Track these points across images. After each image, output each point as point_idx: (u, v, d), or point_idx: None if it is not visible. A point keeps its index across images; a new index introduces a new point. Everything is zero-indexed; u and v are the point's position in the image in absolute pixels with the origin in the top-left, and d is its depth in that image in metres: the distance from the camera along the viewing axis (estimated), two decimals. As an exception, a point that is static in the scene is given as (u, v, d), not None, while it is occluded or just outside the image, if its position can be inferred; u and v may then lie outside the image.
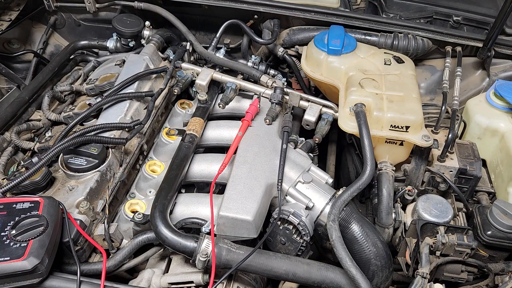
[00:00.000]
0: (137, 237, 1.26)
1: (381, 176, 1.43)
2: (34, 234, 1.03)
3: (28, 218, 1.07)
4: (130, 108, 1.51)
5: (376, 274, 1.25)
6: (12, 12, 1.94)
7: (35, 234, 1.03)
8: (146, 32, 1.87)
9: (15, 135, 1.47)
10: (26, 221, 1.06)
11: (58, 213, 1.12)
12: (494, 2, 2.04)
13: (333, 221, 1.19)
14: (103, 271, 1.13)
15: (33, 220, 1.06)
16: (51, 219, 1.07)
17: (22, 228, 1.04)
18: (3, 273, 0.98)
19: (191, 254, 1.15)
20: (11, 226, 1.05)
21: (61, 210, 1.14)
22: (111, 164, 1.33)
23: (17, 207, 1.10)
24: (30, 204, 1.11)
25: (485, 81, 1.90)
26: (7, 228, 1.04)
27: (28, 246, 1.01)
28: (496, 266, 1.31)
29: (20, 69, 2.00)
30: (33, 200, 1.12)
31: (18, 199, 1.13)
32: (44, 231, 1.04)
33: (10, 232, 1.03)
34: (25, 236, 1.03)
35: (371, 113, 1.40)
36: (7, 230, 1.04)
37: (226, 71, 1.80)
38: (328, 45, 1.63)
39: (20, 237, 1.03)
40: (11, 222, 1.06)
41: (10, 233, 1.03)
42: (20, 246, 1.01)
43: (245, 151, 1.40)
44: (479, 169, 1.49)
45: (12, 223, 1.06)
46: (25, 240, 1.02)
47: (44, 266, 1.02)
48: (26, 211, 1.09)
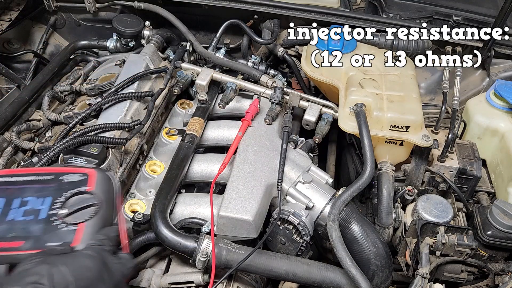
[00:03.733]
0: (137, 237, 1.26)
1: (381, 176, 1.43)
2: (85, 216, 0.90)
3: (78, 194, 0.93)
4: (130, 108, 1.51)
5: (376, 274, 1.25)
6: (12, 12, 1.94)
7: (87, 215, 0.90)
8: (146, 32, 1.87)
9: (15, 135, 1.47)
10: (76, 198, 0.92)
11: (111, 189, 0.98)
12: (494, 2, 2.04)
13: (333, 221, 1.19)
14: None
15: (84, 198, 0.92)
16: (104, 197, 0.94)
17: (72, 207, 0.91)
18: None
19: (191, 254, 1.15)
20: (61, 204, 0.91)
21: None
22: (111, 164, 1.33)
23: (66, 179, 0.95)
24: (81, 177, 0.96)
25: (485, 81, 1.90)
26: (56, 206, 0.91)
27: (79, 231, 0.88)
28: (496, 266, 1.31)
29: (20, 69, 2.00)
30: (84, 171, 0.98)
31: (67, 169, 0.99)
32: (96, 212, 0.91)
33: (60, 211, 0.90)
34: (75, 217, 0.89)
35: (371, 113, 1.40)
36: (56, 209, 0.90)
37: (226, 71, 1.80)
38: (328, 45, 1.63)
39: (71, 219, 0.89)
40: (60, 198, 0.92)
41: (59, 212, 0.90)
42: (70, 230, 0.88)
43: (245, 151, 1.40)
44: (479, 169, 1.49)
45: (61, 199, 0.92)
46: (75, 223, 0.89)
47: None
48: (76, 185, 0.94)
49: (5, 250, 0.85)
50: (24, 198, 0.92)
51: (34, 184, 0.95)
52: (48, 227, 0.88)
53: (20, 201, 0.92)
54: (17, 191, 0.93)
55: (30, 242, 0.86)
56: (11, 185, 0.95)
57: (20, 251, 0.85)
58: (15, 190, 0.94)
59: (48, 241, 0.86)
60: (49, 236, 0.87)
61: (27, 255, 0.82)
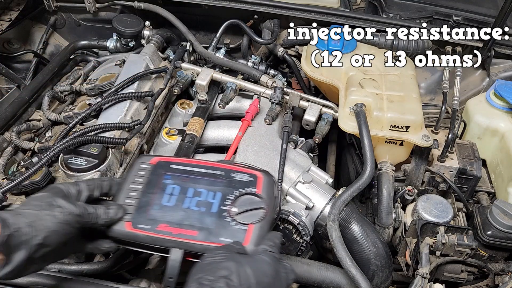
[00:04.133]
0: (137, 237, 1.26)
1: (381, 176, 1.43)
2: (254, 218, 0.92)
3: (247, 195, 0.95)
4: (130, 108, 1.51)
5: (376, 274, 1.25)
6: (12, 12, 1.94)
7: (256, 218, 0.92)
8: (146, 32, 1.87)
9: (15, 135, 1.47)
10: (245, 198, 0.95)
11: (274, 195, 1.01)
12: (494, 2, 2.04)
13: (333, 221, 1.19)
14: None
15: (253, 200, 0.94)
16: (270, 202, 0.96)
17: (242, 206, 0.93)
18: None
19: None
20: (232, 201, 0.94)
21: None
22: (111, 164, 1.33)
23: (236, 178, 0.99)
24: (249, 178, 0.99)
25: (485, 81, 1.90)
26: (228, 202, 0.94)
27: (248, 232, 0.90)
28: (496, 266, 1.31)
29: (20, 69, 2.00)
30: (252, 173, 1.00)
31: (237, 168, 1.01)
32: (264, 216, 0.92)
33: (231, 208, 0.93)
34: (245, 217, 0.92)
35: (371, 113, 1.40)
36: (228, 205, 0.94)
37: (226, 71, 1.80)
38: (328, 45, 1.63)
39: (241, 218, 0.92)
40: (231, 195, 0.95)
41: (231, 209, 0.93)
42: (240, 229, 0.90)
43: (245, 151, 1.40)
44: (479, 169, 1.49)
45: (232, 196, 0.95)
46: (246, 223, 0.91)
47: None
48: (245, 185, 0.97)
49: (183, 237, 0.90)
50: (197, 188, 0.97)
51: (206, 176, 0.99)
52: (220, 222, 0.91)
53: (194, 191, 0.96)
54: (190, 181, 0.98)
55: (204, 233, 0.90)
56: (184, 174, 1.00)
57: (195, 240, 0.89)
58: (189, 180, 0.99)
59: (221, 235, 0.89)
60: (222, 231, 0.90)
61: (202, 245, 0.88)
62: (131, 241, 0.93)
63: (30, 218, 0.79)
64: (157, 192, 0.97)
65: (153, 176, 1.00)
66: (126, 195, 0.97)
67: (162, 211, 0.94)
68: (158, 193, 0.97)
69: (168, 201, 0.95)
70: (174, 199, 0.96)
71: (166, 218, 0.93)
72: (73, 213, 0.85)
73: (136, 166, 1.02)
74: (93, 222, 0.89)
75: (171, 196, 0.96)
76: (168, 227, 0.91)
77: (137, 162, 1.03)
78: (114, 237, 0.94)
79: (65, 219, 0.83)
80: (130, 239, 0.92)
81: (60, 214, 0.83)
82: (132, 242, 0.93)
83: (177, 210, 0.94)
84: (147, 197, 0.96)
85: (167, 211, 0.94)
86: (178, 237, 0.90)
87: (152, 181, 0.99)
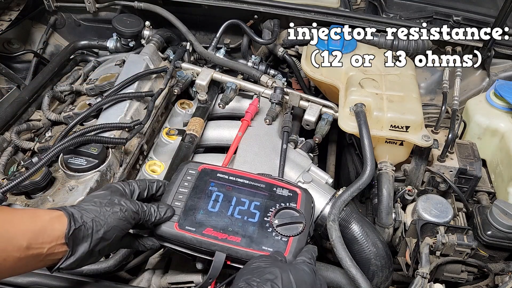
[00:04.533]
0: (137, 237, 1.26)
1: (381, 176, 1.43)
2: (294, 231, 0.98)
3: (287, 209, 1.02)
4: (130, 108, 1.51)
5: (376, 274, 1.25)
6: (12, 12, 1.94)
7: (295, 231, 0.98)
8: (146, 32, 1.87)
9: (15, 135, 1.47)
10: (286, 212, 1.02)
11: (311, 212, 1.06)
12: (494, 2, 2.04)
13: (333, 221, 1.19)
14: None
15: (293, 214, 1.01)
16: (307, 217, 1.02)
17: (283, 219, 1.00)
18: None
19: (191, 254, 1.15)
20: (273, 213, 1.01)
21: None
22: (111, 164, 1.33)
23: (277, 192, 1.06)
24: (289, 193, 1.06)
25: (485, 81, 1.90)
26: (270, 214, 1.01)
27: (289, 243, 0.96)
28: (496, 266, 1.31)
29: (20, 69, 2.00)
30: (292, 189, 1.08)
31: (279, 183, 1.09)
32: (303, 230, 0.99)
33: (273, 220, 0.99)
34: (286, 229, 0.98)
35: (371, 113, 1.40)
36: (270, 217, 1.00)
37: (226, 71, 1.80)
38: (328, 45, 1.63)
39: (282, 230, 0.98)
40: (273, 207, 1.02)
41: (273, 221, 0.99)
42: (281, 240, 0.97)
43: (245, 151, 1.40)
44: (479, 169, 1.49)
45: (273, 209, 1.02)
46: (286, 235, 0.97)
47: None
48: (286, 200, 1.04)
49: (227, 242, 0.96)
50: (240, 198, 1.04)
51: (249, 188, 1.07)
52: (262, 232, 0.98)
53: (236, 200, 1.04)
54: (233, 190, 1.06)
55: (247, 240, 0.96)
56: (229, 183, 1.07)
57: (238, 246, 0.96)
58: (232, 189, 1.06)
59: (263, 244, 0.96)
60: (264, 240, 0.97)
61: (245, 252, 0.95)
62: (177, 241, 0.99)
63: (94, 213, 0.87)
64: (203, 198, 1.04)
65: (199, 182, 1.07)
66: (173, 197, 1.03)
67: (207, 216, 1.00)
68: (204, 199, 1.03)
69: (213, 207, 1.02)
70: (218, 205, 1.02)
71: (212, 223, 0.99)
72: (131, 210, 0.92)
73: (184, 170, 1.09)
74: (146, 220, 0.96)
75: (216, 202, 1.03)
76: (214, 232, 0.97)
77: (185, 167, 1.10)
78: (161, 236, 0.99)
79: (124, 216, 0.91)
80: (177, 239, 0.98)
81: (120, 211, 0.90)
82: (178, 242, 0.99)
83: (221, 216, 1.00)
84: (194, 201, 1.03)
85: (212, 216, 1.00)
86: (223, 242, 0.96)
87: (198, 187, 1.06)
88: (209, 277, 0.96)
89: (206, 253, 0.99)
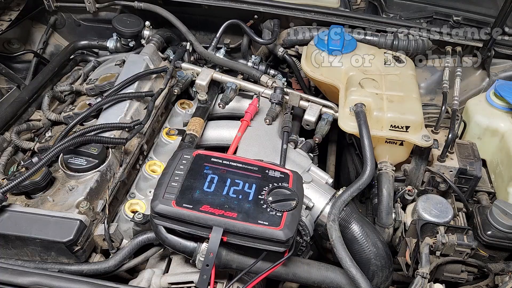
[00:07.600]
0: (137, 237, 1.26)
1: (381, 176, 1.43)
2: (287, 207, 1.05)
3: (280, 188, 1.09)
4: (130, 108, 1.51)
5: (376, 274, 1.25)
6: (12, 12, 1.94)
7: (289, 207, 1.05)
8: (146, 32, 1.87)
9: (15, 135, 1.47)
10: (279, 191, 1.08)
11: (302, 190, 1.14)
12: (494, 2, 2.04)
13: (333, 221, 1.19)
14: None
15: (286, 192, 1.08)
16: (299, 195, 1.09)
17: (276, 197, 1.07)
18: (261, 235, 1.01)
19: (191, 254, 1.15)
20: (267, 191, 1.08)
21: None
22: (111, 164, 1.33)
23: (270, 174, 1.13)
24: (281, 175, 1.14)
25: (485, 81, 1.89)
26: (263, 193, 1.07)
27: (283, 218, 1.03)
28: (496, 266, 1.31)
29: (20, 69, 2.00)
30: (283, 171, 1.15)
31: (270, 166, 1.16)
32: (296, 206, 1.05)
33: (267, 197, 1.06)
34: (280, 206, 1.05)
35: (371, 113, 1.40)
36: (264, 195, 1.07)
37: (226, 71, 1.80)
38: (328, 45, 1.63)
39: (276, 206, 1.04)
40: (266, 187, 1.09)
41: (267, 198, 1.06)
42: (275, 215, 1.03)
43: (245, 151, 1.40)
44: (479, 169, 1.49)
45: (267, 188, 1.08)
46: (280, 210, 1.04)
47: (291, 241, 1.04)
48: (278, 180, 1.11)
49: (224, 217, 1.01)
50: (235, 180, 1.10)
51: (242, 170, 1.13)
52: (257, 208, 1.05)
53: (231, 182, 1.10)
54: (227, 173, 1.12)
55: (243, 215, 1.02)
56: (222, 167, 1.13)
57: (235, 220, 1.01)
58: (226, 172, 1.12)
59: (259, 218, 1.02)
60: (260, 215, 1.03)
61: (242, 225, 1.00)
62: (175, 218, 1.03)
63: None
64: (199, 179, 1.09)
65: (194, 165, 1.13)
66: (170, 179, 1.08)
67: (203, 195, 1.06)
68: (199, 180, 1.09)
69: (209, 188, 1.08)
70: (214, 186, 1.08)
71: (208, 201, 1.04)
72: None
73: (179, 155, 1.15)
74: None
75: (211, 183, 1.09)
76: (210, 208, 1.03)
77: (180, 153, 1.16)
78: (160, 213, 1.03)
79: None
80: (176, 216, 1.02)
81: None
82: (176, 219, 1.03)
83: (217, 195, 1.06)
84: (190, 182, 1.08)
85: (208, 195, 1.06)
86: (220, 216, 1.01)
87: (193, 169, 1.12)
88: (208, 251, 1.01)
89: (204, 229, 1.03)
